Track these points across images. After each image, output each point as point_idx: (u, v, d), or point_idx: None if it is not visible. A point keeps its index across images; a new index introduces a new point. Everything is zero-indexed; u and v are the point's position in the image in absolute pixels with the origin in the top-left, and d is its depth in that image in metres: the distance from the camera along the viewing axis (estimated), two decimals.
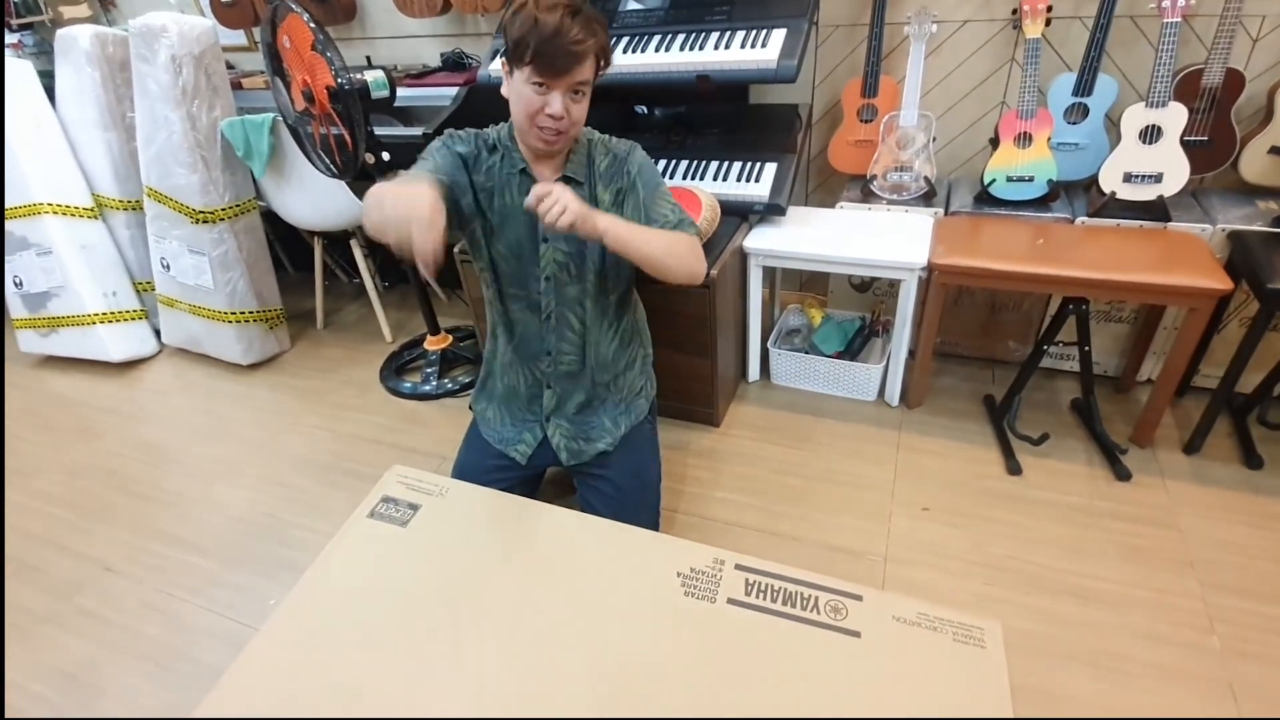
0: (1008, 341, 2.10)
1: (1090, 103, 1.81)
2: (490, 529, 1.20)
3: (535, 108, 1.13)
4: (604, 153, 1.31)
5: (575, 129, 1.19)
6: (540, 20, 1.06)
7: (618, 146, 1.32)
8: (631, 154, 1.31)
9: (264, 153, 2.21)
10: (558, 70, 1.10)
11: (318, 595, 1.11)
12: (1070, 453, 1.78)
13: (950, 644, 0.99)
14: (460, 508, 1.24)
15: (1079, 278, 1.60)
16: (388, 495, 1.26)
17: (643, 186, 1.30)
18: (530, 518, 1.22)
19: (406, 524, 1.20)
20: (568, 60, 1.09)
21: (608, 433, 1.45)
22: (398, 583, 1.11)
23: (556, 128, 1.15)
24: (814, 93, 2.18)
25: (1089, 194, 1.92)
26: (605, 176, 1.30)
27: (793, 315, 2.25)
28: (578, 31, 1.07)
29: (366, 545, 1.17)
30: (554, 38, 1.06)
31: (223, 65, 2.24)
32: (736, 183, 1.95)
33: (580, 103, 1.16)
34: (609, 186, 1.30)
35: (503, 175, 1.28)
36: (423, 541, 1.17)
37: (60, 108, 2.45)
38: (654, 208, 1.30)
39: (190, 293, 2.43)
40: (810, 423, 1.98)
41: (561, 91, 1.12)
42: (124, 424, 2.26)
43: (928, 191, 2.00)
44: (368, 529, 1.20)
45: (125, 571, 1.67)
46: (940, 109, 2.05)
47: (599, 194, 1.31)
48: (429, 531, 1.19)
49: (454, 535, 1.19)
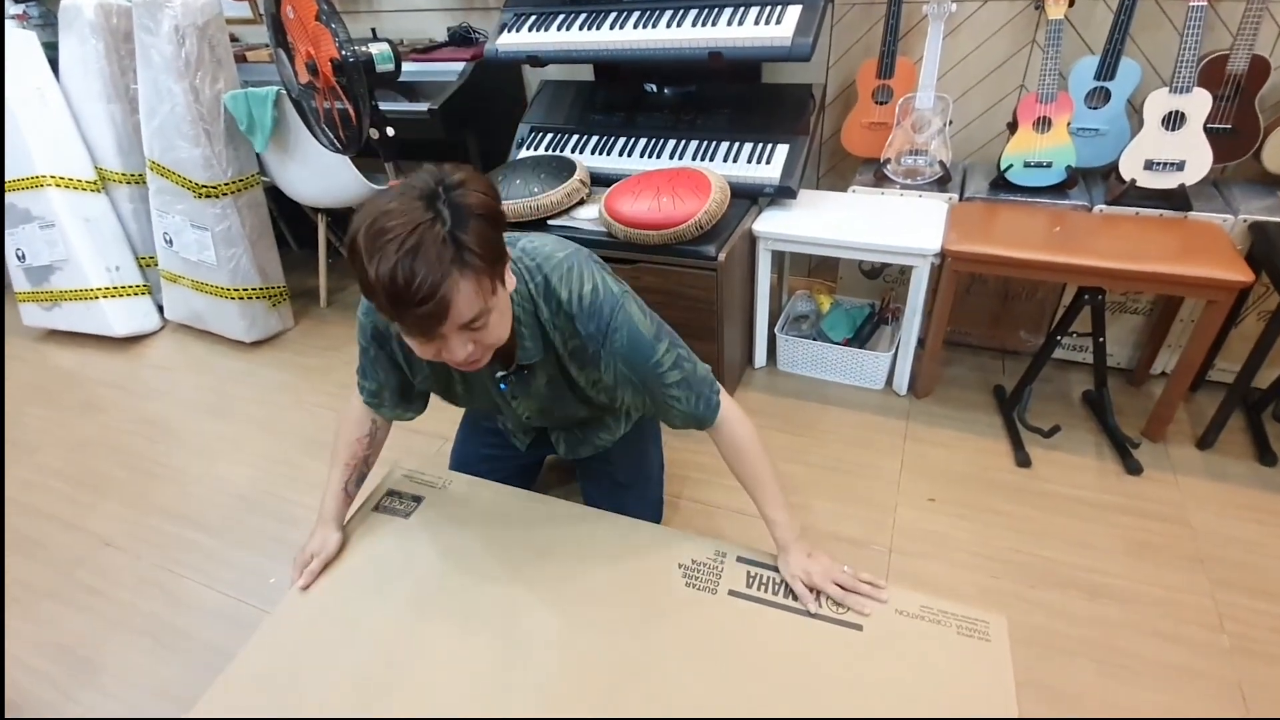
0: (1020, 331, 2.07)
1: (1112, 87, 1.76)
2: (491, 520, 1.19)
3: (429, 354, 0.87)
4: (566, 330, 1.00)
5: (499, 343, 0.91)
6: (374, 279, 0.75)
7: (585, 329, 0.99)
8: (606, 344, 0.99)
9: (267, 127, 2.18)
10: (426, 331, 0.81)
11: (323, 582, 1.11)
12: (1081, 445, 1.75)
13: (954, 637, 0.97)
14: (462, 500, 1.24)
15: (1095, 267, 1.57)
16: (392, 489, 1.27)
17: (637, 377, 1.03)
18: (531, 509, 1.22)
19: (409, 516, 1.21)
20: (429, 322, 0.79)
21: (608, 431, 1.36)
22: (401, 571, 1.11)
23: (468, 364, 0.89)
24: (828, 73, 2.13)
25: (1108, 181, 1.88)
26: (574, 357, 1.04)
27: (801, 301, 2.22)
28: (420, 285, 0.75)
29: (371, 536, 1.18)
30: (398, 302, 0.77)
31: (226, 37, 2.20)
32: (747, 164, 1.92)
33: (487, 328, 0.85)
34: (583, 370, 1.05)
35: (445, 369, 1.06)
36: (426, 534, 1.17)
37: (64, 79, 2.42)
38: (664, 400, 1.05)
39: (193, 268, 2.42)
40: (816, 410, 1.95)
41: (452, 338, 0.84)
42: (127, 399, 2.25)
43: (942, 176, 1.96)
44: (373, 521, 1.21)
45: (125, 547, 1.67)
46: (957, 91, 2.01)
47: (569, 370, 1.06)
48: (432, 525, 1.19)
49: (455, 526, 1.18)
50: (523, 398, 1.12)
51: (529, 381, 1.09)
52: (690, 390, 1.05)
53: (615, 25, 1.89)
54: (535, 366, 1.06)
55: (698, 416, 1.07)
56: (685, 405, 1.05)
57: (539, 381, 1.09)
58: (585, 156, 2.07)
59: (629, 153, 2.05)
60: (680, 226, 1.66)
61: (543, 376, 1.08)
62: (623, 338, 0.99)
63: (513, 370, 1.06)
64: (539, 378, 1.08)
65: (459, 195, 0.78)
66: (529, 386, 1.10)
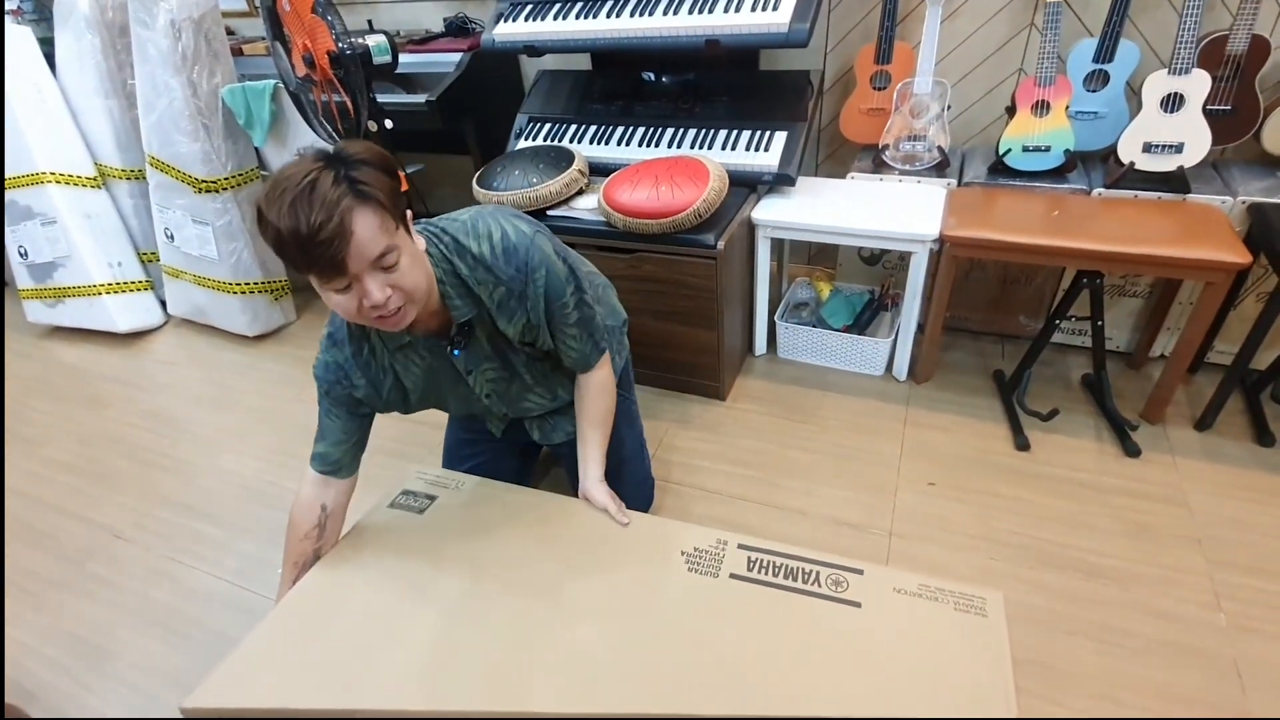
0: (1019, 316, 2.07)
1: (1111, 69, 1.76)
2: (501, 516, 1.23)
3: (353, 310, 0.89)
4: (488, 282, 1.03)
5: (422, 291, 0.94)
6: (278, 225, 0.80)
7: (505, 273, 1.03)
8: (530, 284, 1.04)
9: (265, 120, 2.18)
10: (336, 266, 0.84)
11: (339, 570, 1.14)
12: (1080, 429, 1.76)
13: (951, 613, 0.99)
14: (474, 498, 1.28)
15: (1094, 250, 1.57)
16: (407, 489, 1.30)
17: (547, 315, 1.09)
18: (542, 505, 1.26)
19: (423, 512, 1.24)
20: (334, 249, 0.82)
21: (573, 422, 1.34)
22: (414, 559, 1.14)
23: (389, 313, 0.91)
24: (826, 59, 2.12)
25: (1107, 165, 1.87)
26: (502, 307, 1.06)
27: (801, 288, 2.23)
28: (319, 214, 0.79)
29: (386, 530, 1.21)
30: (301, 239, 0.80)
31: (222, 30, 2.20)
32: (745, 152, 1.91)
33: (400, 267, 0.88)
34: (511, 320, 1.08)
35: (394, 358, 1.10)
36: (438, 526, 1.21)
37: (61, 75, 2.42)
38: (561, 337, 1.14)
39: (195, 263, 2.43)
40: (817, 397, 1.97)
41: (366, 278, 0.86)
42: (132, 394, 2.27)
43: (941, 161, 1.96)
44: (388, 516, 1.24)
45: (134, 538, 1.69)
46: (956, 76, 2.00)
47: (499, 325, 1.09)
48: (444, 518, 1.23)
49: (467, 520, 1.22)
50: (477, 372, 1.16)
51: (477, 347, 1.13)
52: (588, 333, 1.16)
53: (611, 13, 1.89)
54: (474, 325, 1.10)
55: (584, 358, 1.19)
56: (579, 346, 1.16)
57: (483, 344, 1.13)
58: (583, 146, 2.08)
59: (627, 142, 2.05)
60: (679, 215, 1.67)
61: (483, 335, 1.12)
62: (542, 278, 1.05)
63: (455, 332, 1.09)
64: (480, 339, 1.12)
65: (349, 150, 0.86)
66: (479, 353, 1.14)
